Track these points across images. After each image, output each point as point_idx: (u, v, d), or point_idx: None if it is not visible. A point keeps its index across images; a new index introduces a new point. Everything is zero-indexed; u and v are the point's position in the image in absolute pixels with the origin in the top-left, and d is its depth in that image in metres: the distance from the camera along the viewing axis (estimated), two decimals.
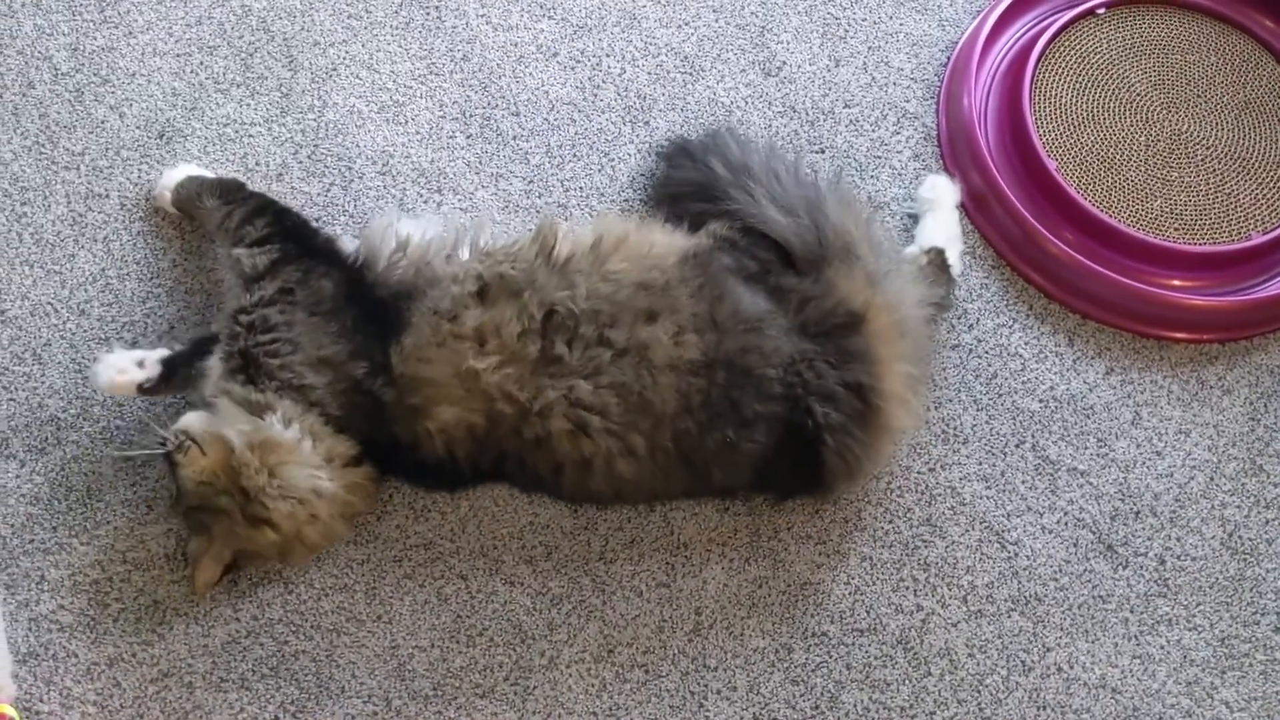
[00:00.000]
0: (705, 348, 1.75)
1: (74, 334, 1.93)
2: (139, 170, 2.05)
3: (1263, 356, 2.12)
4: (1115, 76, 2.26)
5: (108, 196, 2.03)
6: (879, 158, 2.21)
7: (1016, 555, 1.95)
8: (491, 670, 1.81)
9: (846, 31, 2.31)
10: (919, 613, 1.90)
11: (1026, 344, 2.09)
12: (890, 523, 1.95)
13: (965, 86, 2.22)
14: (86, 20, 2.15)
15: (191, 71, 2.14)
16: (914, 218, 2.15)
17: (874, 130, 2.23)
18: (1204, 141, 2.22)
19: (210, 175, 1.99)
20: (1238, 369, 2.11)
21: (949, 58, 2.30)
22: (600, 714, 1.80)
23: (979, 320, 2.10)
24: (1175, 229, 2.15)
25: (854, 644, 1.87)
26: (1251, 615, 1.95)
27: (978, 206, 2.17)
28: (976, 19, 2.32)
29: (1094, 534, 1.97)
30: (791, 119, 2.22)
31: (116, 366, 1.80)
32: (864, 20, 2.33)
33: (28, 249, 1.98)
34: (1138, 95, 2.25)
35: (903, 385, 1.85)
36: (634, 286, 1.78)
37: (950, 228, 2.10)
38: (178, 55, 2.15)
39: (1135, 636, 1.92)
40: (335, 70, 2.17)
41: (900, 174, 2.20)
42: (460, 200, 2.09)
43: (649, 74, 2.24)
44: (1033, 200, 2.15)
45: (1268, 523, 2.00)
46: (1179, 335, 2.12)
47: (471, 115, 2.17)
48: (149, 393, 1.82)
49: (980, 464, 2.00)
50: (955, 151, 2.21)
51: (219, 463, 1.69)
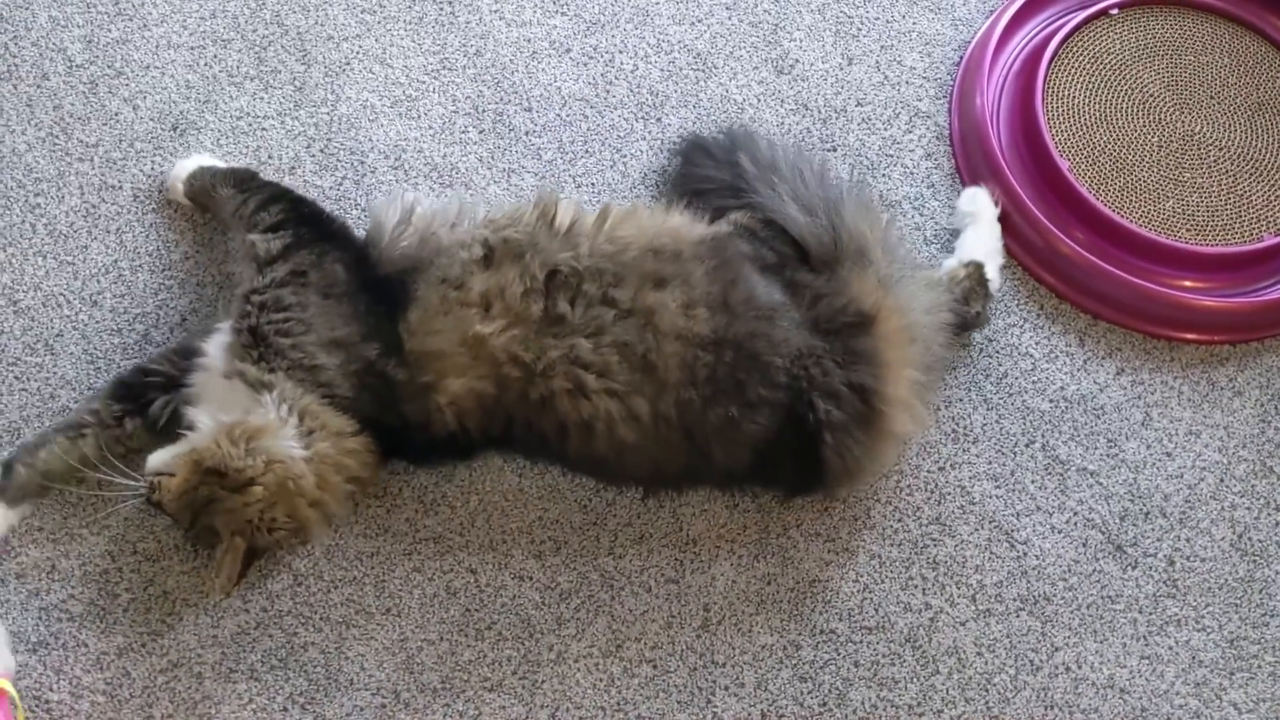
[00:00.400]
0: (715, 326, 1.76)
1: (86, 325, 1.94)
2: (152, 162, 2.06)
3: (1274, 358, 2.11)
4: (1128, 77, 2.25)
5: (121, 188, 2.04)
6: (891, 156, 2.21)
7: (1025, 555, 1.95)
8: (500, 664, 1.81)
9: (859, 30, 2.31)
10: (927, 611, 1.90)
11: (1037, 343, 2.09)
12: (899, 521, 1.95)
13: (978, 86, 2.22)
14: (101, 13, 2.16)
15: (205, 65, 2.14)
16: (919, 213, 2.15)
17: (886, 129, 2.23)
18: (1216, 142, 2.22)
19: (223, 165, 2.00)
20: (1249, 371, 2.10)
21: (962, 57, 2.30)
22: (608, 709, 1.80)
23: (989, 319, 2.09)
24: (1187, 230, 2.15)
25: (862, 641, 1.87)
26: (1260, 617, 1.94)
27: None
28: (989, 18, 2.32)
29: (1103, 534, 1.97)
30: (804, 117, 2.22)
31: None
32: (877, 19, 2.33)
33: (41, 240, 1.99)
34: (1150, 96, 2.24)
35: (908, 391, 1.84)
36: (644, 250, 1.79)
37: (989, 241, 2.09)
38: (192, 48, 2.15)
39: (1144, 637, 1.91)
40: (348, 64, 2.17)
41: (912, 173, 2.20)
42: (472, 195, 2.09)
43: (661, 70, 2.24)
44: (1045, 200, 2.15)
45: (1277, 525, 2.00)
46: (1190, 336, 2.11)
47: (484, 110, 2.17)
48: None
49: (990, 463, 2.00)
50: (967, 151, 2.21)
51: (188, 468, 1.68)
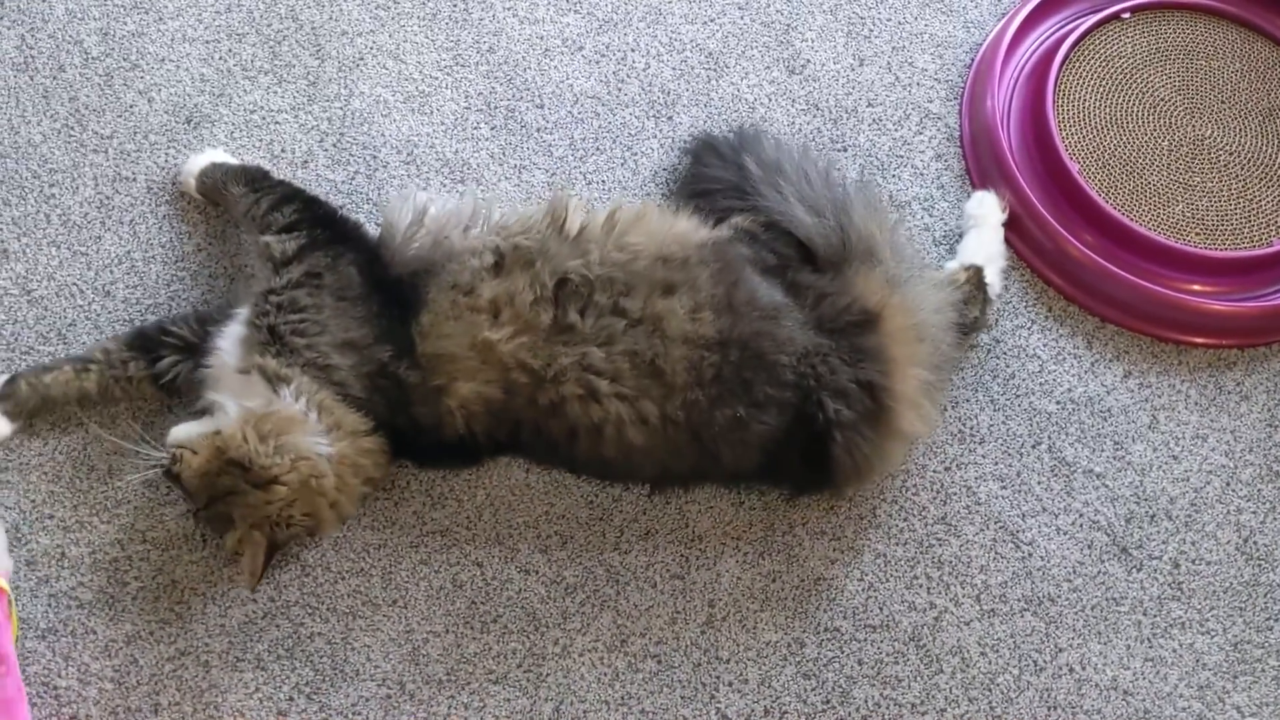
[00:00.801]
0: (720, 327, 1.76)
1: (99, 315, 1.95)
2: (166, 155, 2.07)
3: None
4: (1139, 81, 2.26)
5: (135, 180, 2.05)
6: (901, 157, 2.21)
7: (1030, 555, 1.95)
8: (505, 657, 1.82)
9: (871, 31, 2.32)
10: (932, 610, 1.90)
11: (1045, 345, 2.09)
12: (905, 520, 1.95)
13: (989, 88, 2.22)
14: (117, 5, 2.17)
15: (220, 58, 2.15)
16: (929, 214, 2.16)
17: (897, 130, 2.23)
18: (1227, 147, 2.22)
19: (235, 162, 2.01)
20: (1256, 375, 2.10)
21: (973, 59, 2.30)
22: (612, 703, 1.81)
23: (997, 321, 2.10)
24: (1196, 234, 2.15)
25: (866, 640, 1.88)
26: (1265, 621, 1.94)
27: None
28: (1001, 21, 2.33)
29: (1109, 536, 1.97)
30: (814, 117, 2.23)
31: None
32: (889, 20, 2.33)
33: (55, 230, 2.00)
34: (1161, 100, 2.25)
35: (916, 389, 1.84)
36: (652, 259, 1.79)
37: (990, 246, 2.09)
38: (207, 42, 2.16)
39: (1148, 639, 1.92)
40: (362, 60, 2.19)
41: (922, 174, 2.20)
42: (483, 191, 2.10)
43: (673, 69, 2.24)
44: (1054, 203, 2.16)
45: None
46: (1198, 340, 2.11)
47: (496, 107, 2.18)
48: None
49: (996, 464, 2.00)
50: (978, 153, 2.21)
51: (210, 452, 1.70)
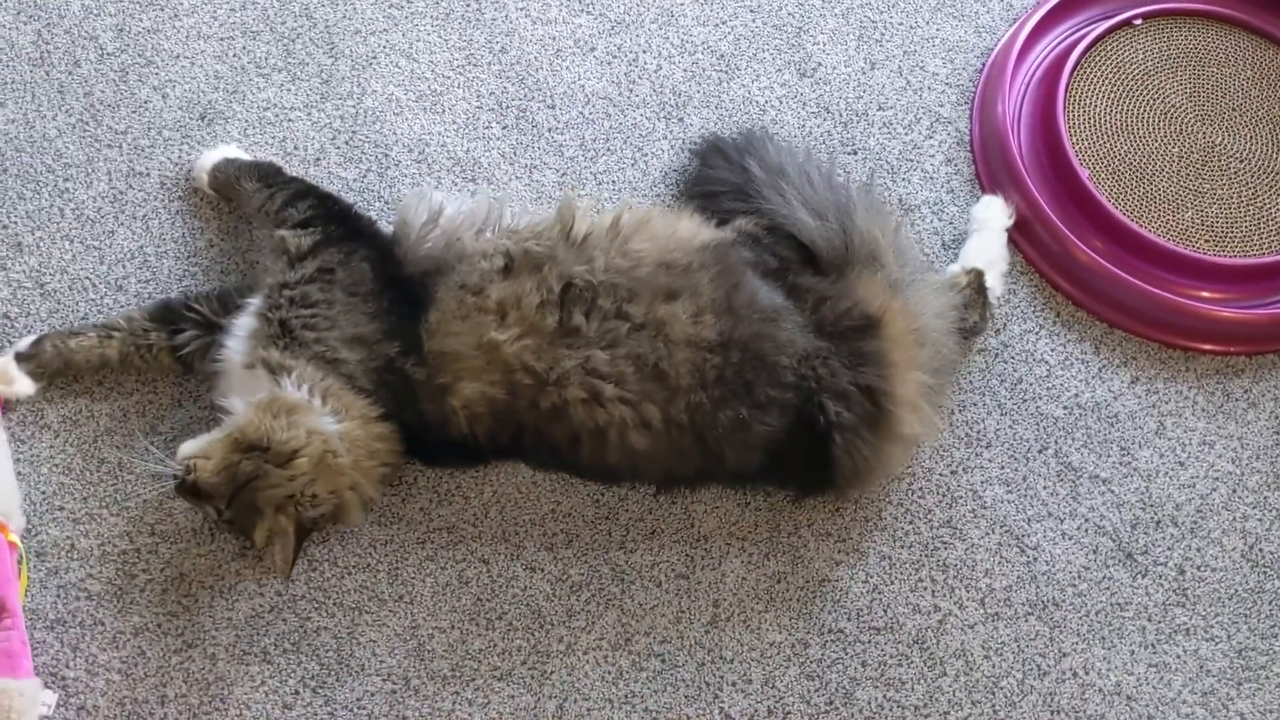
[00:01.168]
0: (722, 329, 1.77)
1: (111, 309, 1.96)
2: (180, 150, 2.08)
3: None
4: (1150, 87, 2.26)
5: (148, 175, 2.06)
6: (911, 161, 2.22)
7: (1035, 560, 1.95)
8: (510, 654, 1.83)
9: (883, 35, 2.32)
10: (936, 613, 1.91)
11: (1053, 350, 2.09)
12: (910, 523, 1.96)
13: (1000, 93, 2.22)
14: (133, 2, 2.19)
15: (234, 55, 2.17)
16: (938, 218, 2.16)
17: (907, 134, 2.24)
18: (1237, 154, 2.22)
19: (247, 157, 2.02)
20: (1264, 382, 2.10)
21: (984, 64, 2.31)
22: (616, 701, 1.82)
23: (1006, 325, 2.10)
24: (1206, 241, 2.15)
25: (870, 642, 1.88)
26: (1270, 628, 1.94)
27: None
28: (1013, 26, 2.33)
29: (1114, 541, 1.97)
30: (825, 120, 2.23)
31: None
32: (900, 24, 2.34)
33: (69, 224, 2.01)
34: (1172, 107, 2.25)
35: (916, 393, 1.85)
36: (655, 265, 1.80)
37: (992, 250, 2.09)
38: (221, 39, 2.18)
39: (1152, 645, 1.92)
40: (375, 58, 2.20)
41: (932, 178, 2.21)
42: (494, 191, 2.11)
43: (685, 71, 2.25)
44: (1064, 208, 2.16)
45: None
46: (1206, 347, 2.12)
47: (508, 106, 2.19)
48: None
49: (1002, 468, 2.00)
50: (988, 157, 2.21)
51: (226, 447, 1.71)
